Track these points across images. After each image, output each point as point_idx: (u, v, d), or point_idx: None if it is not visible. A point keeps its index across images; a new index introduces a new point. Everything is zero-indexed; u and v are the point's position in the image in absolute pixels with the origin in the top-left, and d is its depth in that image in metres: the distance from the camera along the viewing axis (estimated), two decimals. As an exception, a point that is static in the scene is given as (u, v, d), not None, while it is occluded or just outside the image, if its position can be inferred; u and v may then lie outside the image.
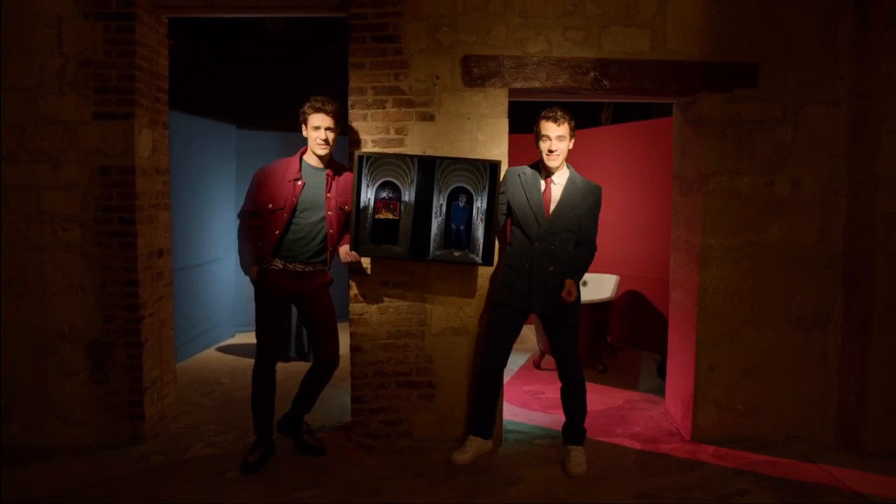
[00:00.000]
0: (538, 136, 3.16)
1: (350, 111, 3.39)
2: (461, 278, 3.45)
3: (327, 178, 3.21)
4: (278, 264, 3.17)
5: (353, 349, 3.46)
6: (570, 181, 3.21)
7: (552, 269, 3.14)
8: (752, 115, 3.47)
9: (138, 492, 2.95)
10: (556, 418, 3.81)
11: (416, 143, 3.41)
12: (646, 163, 5.58)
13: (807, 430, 3.59)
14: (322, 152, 3.17)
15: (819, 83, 3.48)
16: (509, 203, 3.26)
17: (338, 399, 4.14)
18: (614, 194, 5.67)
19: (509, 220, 3.34)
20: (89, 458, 3.31)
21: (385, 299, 3.45)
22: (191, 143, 5.12)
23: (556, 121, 3.09)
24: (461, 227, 3.28)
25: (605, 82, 3.41)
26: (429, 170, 3.28)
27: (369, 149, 3.38)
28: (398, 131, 3.40)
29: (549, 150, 3.12)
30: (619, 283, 5.48)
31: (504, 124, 3.43)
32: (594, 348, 4.93)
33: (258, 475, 3.13)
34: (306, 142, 3.20)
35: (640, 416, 4.00)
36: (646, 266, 5.59)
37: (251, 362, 3.31)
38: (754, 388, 3.57)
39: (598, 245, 3.29)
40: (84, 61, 3.33)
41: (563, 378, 3.28)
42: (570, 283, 3.07)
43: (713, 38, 3.42)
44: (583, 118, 7.38)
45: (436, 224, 3.29)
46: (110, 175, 3.37)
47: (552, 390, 4.35)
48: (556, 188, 3.20)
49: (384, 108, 3.39)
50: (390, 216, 3.28)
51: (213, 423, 3.80)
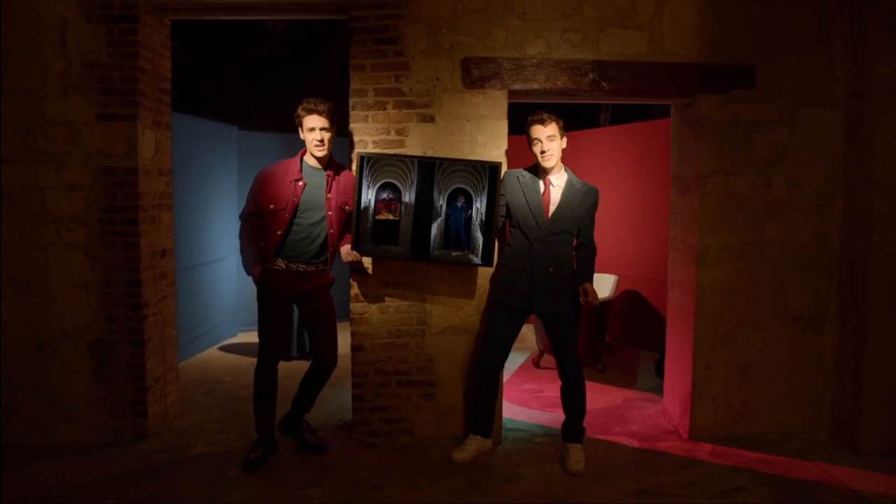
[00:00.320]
0: (530, 141, 3.21)
1: (351, 112, 3.40)
2: (461, 278, 3.47)
3: (327, 179, 3.23)
4: (281, 264, 3.19)
5: (354, 348, 3.48)
6: (568, 183, 3.24)
7: (552, 269, 3.17)
8: (749, 116, 3.48)
9: (141, 489, 2.96)
10: (555, 416, 3.83)
11: (417, 144, 3.42)
12: (644, 164, 5.59)
13: (803, 429, 3.60)
14: (319, 154, 3.18)
15: (815, 85, 3.49)
16: (508, 205, 3.29)
17: (339, 397, 4.15)
18: (613, 195, 5.69)
19: (507, 222, 3.37)
20: (93, 456, 3.33)
21: (386, 299, 3.47)
22: (193, 144, 5.13)
23: (542, 122, 3.14)
24: (461, 228, 3.30)
25: (603, 84, 3.43)
26: (429, 171, 3.30)
27: (370, 150, 3.39)
28: (399, 132, 3.42)
29: (542, 152, 3.16)
30: (618, 283, 5.48)
31: (503, 125, 3.45)
32: (593, 347, 4.94)
33: (260, 473, 3.14)
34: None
35: (639, 414, 4.02)
36: (644, 266, 5.60)
37: (253, 361, 3.32)
38: (751, 386, 3.58)
39: (597, 245, 3.32)
40: (87, 63, 3.34)
41: (562, 377, 3.30)
42: (589, 286, 3.13)
43: (710, 41, 3.44)
44: (581, 120, 7.41)
45: (436, 225, 3.30)
46: (114, 176, 3.38)
47: (551, 389, 4.37)
48: (555, 190, 3.23)
49: (385, 109, 3.40)
50: (391, 217, 3.29)
51: (216, 421, 3.82)
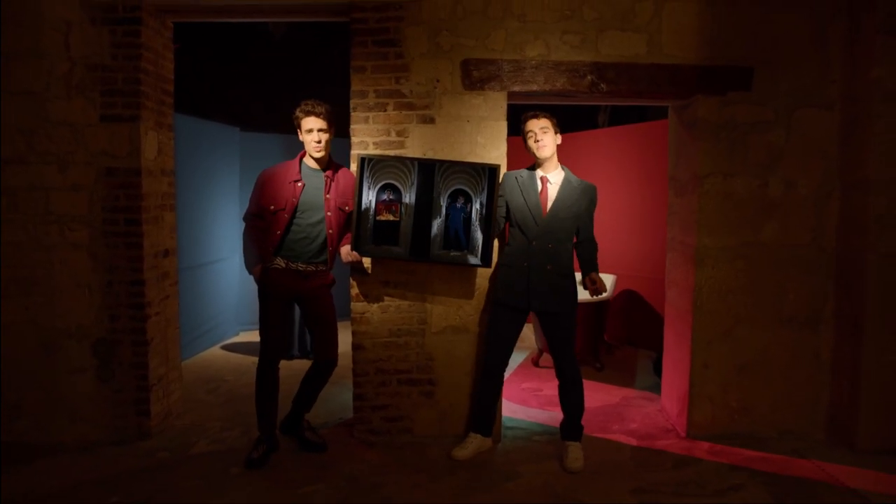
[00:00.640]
0: (525, 137, 3.27)
1: (352, 114, 3.43)
2: (461, 278, 3.50)
3: (326, 180, 3.25)
4: (281, 263, 3.22)
5: (355, 347, 3.50)
6: (565, 181, 3.28)
7: (550, 267, 3.20)
8: (745, 117, 3.50)
9: (144, 487, 2.98)
10: (553, 415, 3.85)
11: (417, 145, 3.45)
12: (642, 164, 5.62)
13: (800, 427, 3.62)
14: (318, 155, 3.20)
15: (812, 87, 3.51)
16: (507, 205, 3.32)
17: (339, 396, 4.18)
18: (611, 195, 5.72)
19: (507, 223, 3.40)
20: (96, 453, 3.35)
21: (386, 298, 3.49)
22: (196, 145, 5.16)
23: (535, 116, 3.25)
24: (460, 229, 3.32)
25: (602, 85, 3.45)
26: (429, 172, 3.32)
27: (371, 151, 3.42)
28: (399, 134, 3.44)
29: (536, 142, 3.23)
30: (616, 283, 5.51)
31: (503, 127, 3.48)
32: (591, 346, 4.97)
33: (262, 471, 3.16)
34: None
35: (637, 412, 4.04)
36: (642, 266, 5.62)
37: (255, 360, 3.34)
38: (748, 385, 3.60)
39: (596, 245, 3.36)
40: (91, 65, 3.36)
41: (559, 376, 3.32)
42: (595, 275, 3.18)
43: (708, 43, 3.46)
44: (580, 121, 7.42)
45: (436, 225, 3.32)
46: (117, 176, 3.41)
47: (550, 387, 4.38)
48: (553, 188, 3.26)
49: (385, 110, 3.43)
50: (391, 218, 3.32)
51: (218, 419, 3.84)
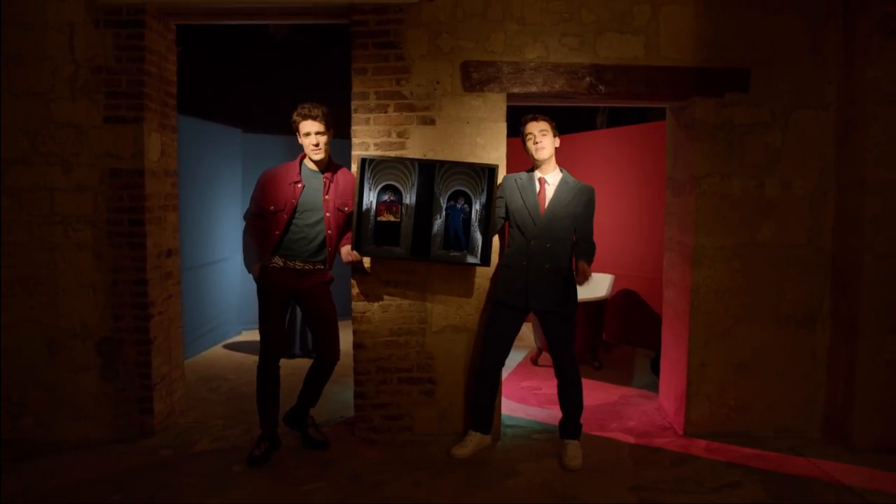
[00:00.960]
0: (524, 138, 3.31)
1: (353, 115, 3.45)
2: (461, 278, 3.52)
3: (325, 181, 3.28)
4: (279, 262, 3.24)
5: (356, 346, 3.53)
6: (562, 181, 3.32)
7: (548, 266, 3.23)
8: (742, 119, 3.53)
9: (147, 484, 3.01)
10: (552, 413, 3.88)
11: (417, 146, 3.48)
12: (640, 165, 5.64)
13: (796, 425, 3.65)
14: (316, 157, 3.23)
15: (808, 88, 3.53)
16: (507, 207, 3.35)
17: (340, 395, 4.21)
18: (609, 196, 5.75)
19: (507, 224, 3.43)
20: (100, 451, 3.37)
21: (387, 298, 3.52)
22: (198, 146, 5.19)
23: (535, 119, 3.30)
24: (460, 229, 3.35)
25: (600, 87, 3.48)
26: (429, 173, 3.35)
27: (372, 152, 3.45)
28: (400, 135, 3.47)
29: (535, 144, 3.27)
30: (614, 282, 5.52)
31: (502, 128, 3.51)
32: (590, 345, 4.99)
33: (264, 468, 3.19)
34: None
35: (635, 411, 4.07)
36: (640, 265, 5.65)
37: (257, 359, 3.36)
38: (745, 384, 3.63)
39: (594, 244, 3.37)
40: (95, 67, 3.39)
41: (558, 375, 3.34)
42: (584, 264, 3.17)
43: (705, 45, 3.49)
44: (579, 122, 7.45)
45: (436, 225, 3.36)
46: (121, 177, 3.43)
47: (549, 386, 4.40)
48: (550, 188, 3.30)
49: (386, 112, 3.46)
50: (392, 218, 3.35)
51: (221, 417, 3.87)
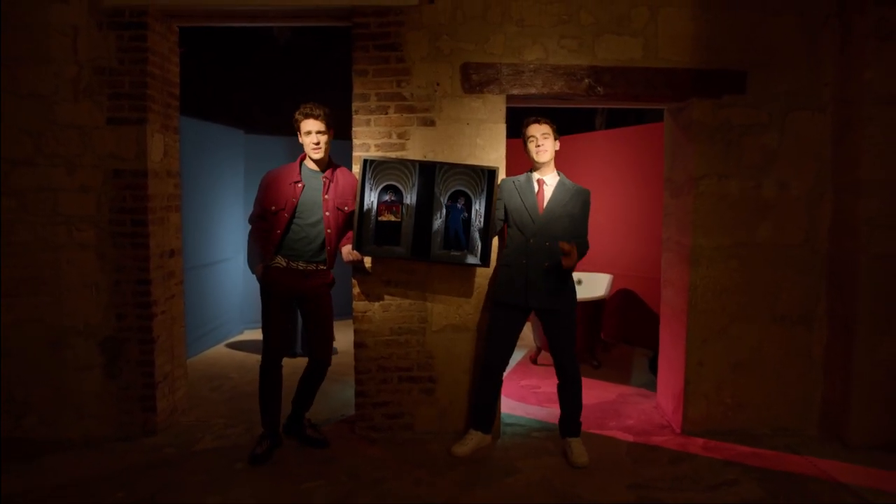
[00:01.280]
0: (525, 140, 3.35)
1: (354, 116, 3.48)
2: (460, 277, 3.55)
3: (325, 182, 3.30)
4: (281, 262, 3.27)
5: (357, 345, 3.55)
6: (560, 183, 3.36)
7: (547, 264, 3.26)
8: (740, 120, 3.55)
9: (150, 482, 3.03)
10: (551, 412, 3.90)
11: (418, 147, 3.50)
12: (638, 166, 5.66)
13: (793, 423, 3.68)
14: (317, 156, 3.26)
15: (805, 90, 3.56)
16: (506, 208, 3.39)
17: (341, 393, 4.24)
18: (608, 197, 5.78)
19: (505, 226, 3.46)
20: (103, 449, 3.40)
21: (387, 297, 3.55)
22: (201, 147, 5.21)
23: (537, 122, 3.34)
24: (459, 229, 3.39)
25: (598, 89, 3.51)
26: (429, 174, 3.38)
27: (372, 153, 3.47)
28: (400, 136, 3.50)
29: (537, 146, 3.31)
30: (613, 282, 5.55)
31: (502, 129, 3.53)
32: (588, 344, 5.02)
33: (265, 466, 3.21)
34: None
35: (633, 409, 4.09)
36: (638, 265, 5.67)
37: (259, 358, 3.38)
38: (742, 382, 3.65)
39: (592, 245, 3.43)
40: (98, 69, 3.42)
41: (560, 373, 3.37)
42: (569, 245, 3.10)
43: (703, 47, 3.51)
44: (577, 124, 7.48)
45: (436, 226, 3.39)
46: (123, 178, 3.46)
47: (548, 385, 4.44)
48: (548, 189, 3.35)
49: (387, 113, 3.49)
50: (393, 218, 3.38)
51: (223, 416, 3.89)
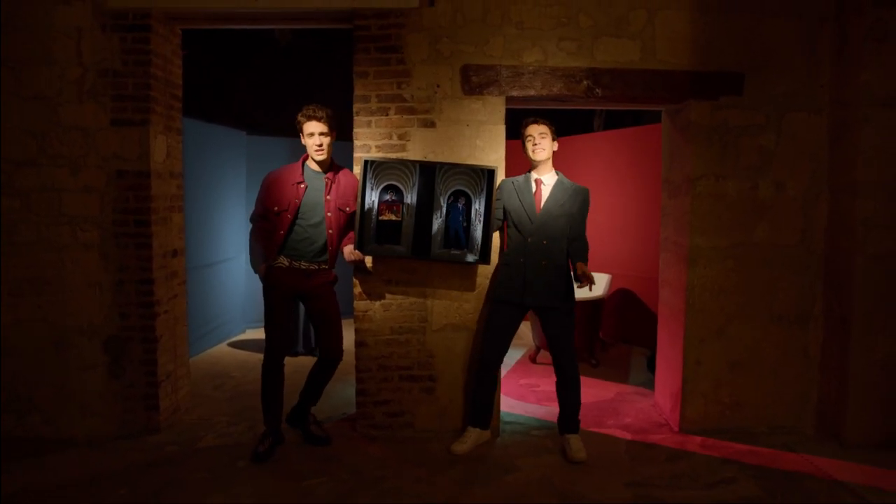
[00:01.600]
0: (524, 140, 3.40)
1: (355, 118, 3.51)
2: (460, 277, 3.58)
3: (326, 182, 3.33)
4: (284, 262, 3.30)
5: (358, 344, 3.58)
6: (558, 182, 3.40)
7: (545, 263, 3.30)
8: (737, 121, 3.58)
9: (153, 480, 3.06)
10: (551, 410, 3.92)
11: (418, 148, 3.53)
12: (636, 167, 5.68)
13: (789, 422, 3.70)
14: (319, 158, 3.28)
15: (801, 91, 3.59)
16: (505, 208, 3.43)
17: (342, 392, 4.26)
18: (606, 197, 5.81)
19: (505, 224, 3.50)
20: (106, 447, 3.43)
21: (388, 297, 3.57)
22: (203, 148, 5.24)
23: (535, 122, 3.39)
24: (459, 229, 3.42)
25: (597, 91, 3.54)
26: (430, 174, 3.41)
27: (373, 154, 3.50)
28: (401, 137, 3.53)
29: (534, 145, 3.35)
30: (611, 282, 5.57)
31: (501, 130, 3.56)
32: (587, 343, 5.05)
33: (267, 464, 3.24)
34: None
35: (631, 408, 4.12)
36: (636, 265, 5.69)
37: (261, 357, 3.41)
38: (740, 381, 3.68)
39: (591, 245, 3.44)
40: (102, 71, 3.44)
41: (559, 372, 3.40)
42: (581, 265, 3.24)
43: (700, 49, 3.54)
44: (576, 125, 7.51)
45: (436, 225, 3.42)
46: (127, 179, 3.48)
47: (547, 383, 4.47)
48: (546, 188, 3.39)
49: (387, 114, 3.51)
50: (393, 218, 3.41)
51: (225, 414, 3.92)
